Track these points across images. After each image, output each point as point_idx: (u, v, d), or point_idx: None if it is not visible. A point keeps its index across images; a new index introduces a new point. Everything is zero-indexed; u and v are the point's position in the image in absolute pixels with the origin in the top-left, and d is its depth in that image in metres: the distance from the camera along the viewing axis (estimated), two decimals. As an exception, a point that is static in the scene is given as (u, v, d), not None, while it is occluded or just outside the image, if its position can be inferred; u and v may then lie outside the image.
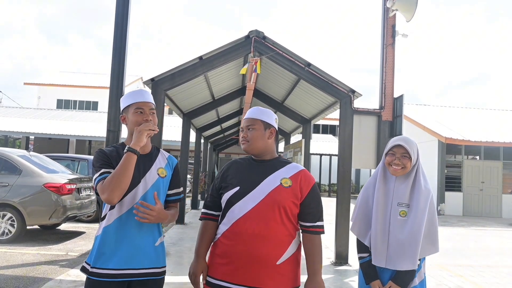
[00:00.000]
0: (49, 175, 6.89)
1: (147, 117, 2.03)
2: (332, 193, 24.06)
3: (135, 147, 1.92)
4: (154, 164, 2.06)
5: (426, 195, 2.27)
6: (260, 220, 1.90)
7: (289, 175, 2.00)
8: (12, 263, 5.32)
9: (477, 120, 18.65)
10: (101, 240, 1.94)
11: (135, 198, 1.96)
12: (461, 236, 9.97)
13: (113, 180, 1.85)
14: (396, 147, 2.32)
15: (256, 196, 1.94)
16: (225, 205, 1.99)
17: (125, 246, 1.93)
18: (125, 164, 1.88)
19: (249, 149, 2.05)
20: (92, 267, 1.92)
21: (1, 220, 6.56)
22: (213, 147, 19.28)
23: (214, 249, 2.02)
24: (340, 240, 6.18)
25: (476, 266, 6.51)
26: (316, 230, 1.99)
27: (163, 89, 6.22)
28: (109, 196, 1.85)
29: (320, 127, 32.58)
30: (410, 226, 2.23)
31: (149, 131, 1.96)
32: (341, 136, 6.36)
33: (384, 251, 2.26)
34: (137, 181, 1.97)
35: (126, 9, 5.92)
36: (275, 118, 2.13)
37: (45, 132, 19.79)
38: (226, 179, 2.04)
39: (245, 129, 2.07)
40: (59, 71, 38.18)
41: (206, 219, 2.09)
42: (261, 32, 6.23)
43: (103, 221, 1.99)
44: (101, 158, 1.97)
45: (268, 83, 9.28)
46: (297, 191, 1.97)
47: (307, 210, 1.98)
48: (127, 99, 2.08)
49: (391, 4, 6.32)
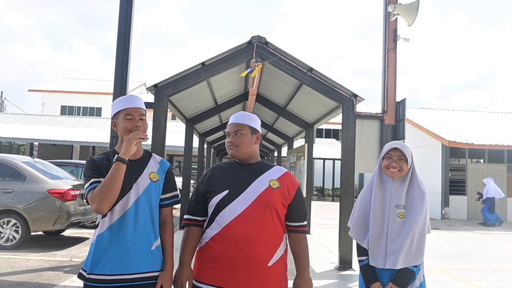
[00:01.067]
0: (53, 181, 6.93)
1: (137, 123, 2.02)
2: (335, 198, 23.99)
3: (124, 156, 1.91)
4: (146, 169, 2.05)
5: (422, 196, 2.37)
6: (252, 222, 1.92)
7: (276, 177, 2.04)
8: (16, 269, 5.34)
9: (480, 123, 18.59)
10: (95, 247, 1.95)
11: (127, 204, 1.96)
12: (465, 240, 9.91)
13: (102, 190, 1.86)
14: (392, 150, 2.42)
15: (247, 198, 1.95)
16: (214, 209, 1.99)
17: (120, 251, 1.93)
18: (113, 174, 1.88)
19: (237, 155, 2.06)
20: (89, 274, 1.92)
21: (5, 226, 6.59)
22: (216, 152, 19.31)
23: (202, 254, 2.00)
24: (343, 244, 6.16)
25: (481, 270, 6.47)
26: (303, 229, 2.05)
27: (166, 95, 6.25)
28: (98, 206, 1.85)
29: (323, 131, 32.56)
30: (408, 226, 2.32)
31: (139, 140, 1.95)
32: (344, 141, 6.36)
33: (383, 252, 2.33)
34: (129, 187, 1.96)
35: (129, 16, 5.97)
36: (259, 123, 2.16)
37: (49, 138, 19.90)
38: (212, 183, 2.03)
39: (232, 134, 2.07)
40: (63, 78, 38.46)
41: (190, 225, 2.07)
42: (263, 38, 6.26)
43: (97, 229, 1.99)
44: (91, 167, 1.97)
45: (271, 88, 9.30)
46: (285, 192, 2.00)
47: (294, 210, 2.03)
48: (117, 105, 2.07)
49: (392, 9, 6.35)
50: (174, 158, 27.44)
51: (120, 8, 5.99)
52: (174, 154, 26.47)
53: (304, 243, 2.04)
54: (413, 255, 2.29)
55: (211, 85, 8.29)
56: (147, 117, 2.14)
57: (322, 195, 26.25)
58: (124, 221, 1.94)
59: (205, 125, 11.94)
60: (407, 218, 2.34)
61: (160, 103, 6.15)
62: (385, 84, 6.55)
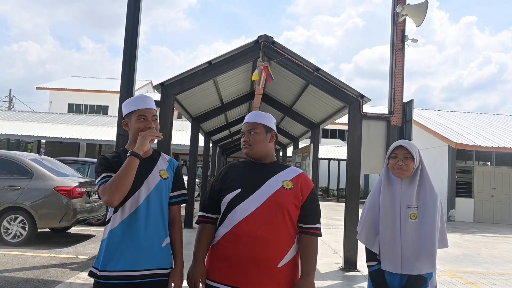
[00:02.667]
0: (60, 179, 6.97)
1: (150, 124, 2.05)
2: (340, 198, 23.92)
3: (138, 151, 1.95)
4: (156, 167, 2.08)
5: (434, 195, 2.27)
6: (263, 222, 1.91)
7: (290, 178, 2.02)
8: (23, 266, 5.38)
9: (488, 125, 18.43)
10: (107, 243, 1.96)
11: (138, 200, 1.98)
12: (472, 243, 9.84)
13: (114, 182, 1.88)
14: (397, 148, 2.33)
15: (258, 198, 1.94)
16: (226, 207, 1.99)
17: (132, 248, 1.94)
18: (127, 168, 1.91)
19: (252, 153, 2.06)
20: (101, 271, 1.93)
21: (12, 223, 6.65)
22: (222, 151, 19.33)
23: (214, 252, 2.01)
24: (349, 245, 6.14)
25: (488, 274, 6.42)
26: (315, 232, 2.01)
27: (172, 94, 6.27)
28: (109, 198, 1.87)
29: (329, 131, 32.46)
30: (424, 228, 2.21)
31: (153, 137, 1.99)
32: (349, 141, 6.34)
33: (397, 256, 2.23)
34: (140, 184, 1.99)
35: (136, 16, 6.00)
36: (274, 122, 2.15)
37: (56, 136, 20.04)
38: (226, 181, 2.04)
39: (246, 133, 2.07)
40: (70, 76, 38.71)
41: (204, 222, 2.08)
42: (270, 37, 6.26)
43: (108, 225, 2.01)
44: (102, 163, 2.01)
45: (277, 88, 9.30)
46: (298, 193, 1.98)
47: (307, 212, 2.00)
48: (130, 105, 2.10)
49: (400, 9, 6.31)
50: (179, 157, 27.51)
51: (128, 8, 6.02)
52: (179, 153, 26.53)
53: (313, 246, 1.99)
54: (430, 261, 2.18)
55: (217, 84, 8.30)
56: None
57: (327, 195, 26.19)
58: (135, 217, 1.96)
59: (210, 124, 11.96)
60: (420, 220, 2.23)
61: (166, 101, 6.17)
62: (392, 85, 6.51)
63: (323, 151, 22.38)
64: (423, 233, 2.21)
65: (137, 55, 6.02)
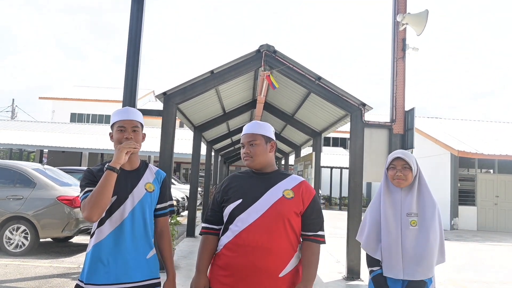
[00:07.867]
0: (63, 188, 6.99)
1: (128, 135, 2.05)
2: (343, 207, 23.83)
3: (115, 165, 1.94)
4: (142, 179, 2.09)
5: (432, 202, 2.37)
6: (264, 232, 1.92)
7: (291, 187, 2.02)
8: (25, 276, 5.37)
9: (490, 133, 18.40)
10: (91, 257, 1.96)
11: (123, 214, 1.99)
12: (475, 251, 9.76)
13: (92, 198, 1.88)
14: (395, 160, 2.42)
15: (259, 208, 1.96)
16: (228, 217, 2.01)
17: (117, 261, 1.95)
18: (104, 183, 1.90)
19: (253, 165, 2.07)
20: (86, 284, 1.94)
21: (15, 232, 6.65)
22: (224, 160, 19.33)
23: (216, 261, 2.03)
24: (351, 254, 6.11)
25: (491, 283, 6.36)
26: (317, 239, 2.01)
27: (174, 103, 6.30)
28: (88, 214, 1.87)
29: (331, 140, 32.48)
30: (424, 234, 2.30)
31: (129, 149, 1.98)
32: (352, 149, 6.34)
33: (399, 263, 2.30)
34: (125, 197, 2.00)
35: (139, 26, 6.05)
36: (272, 130, 2.16)
37: (58, 146, 20.09)
38: (227, 192, 2.06)
39: (246, 145, 2.08)
40: (72, 85, 38.92)
41: (206, 234, 2.09)
42: (271, 46, 6.30)
43: (92, 239, 2.01)
44: (87, 177, 2.02)
45: (279, 97, 9.33)
46: (299, 202, 1.99)
47: (309, 220, 2.01)
48: (113, 117, 2.12)
49: (401, 18, 6.35)
50: (181, 166, 27.52)
51: (130, 18, 6.08)
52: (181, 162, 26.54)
53: (314, 254, 1.99)
54: (430, 266, 2.27)
55: (219, 93, 8.34)
56: (155, 124, 2.16)
57: (329, 203, 26.10)
58: (121, 230, 1.97)
59: (213, 132, 11.99)
60: (420, 227, 2.33)
61: (169, 110, 6.20)
62: (393, 93, 6.53)
63: (325, 159, 22.35)
64: (423, 239, 2.30)
65: (139, 64, 6.06)
